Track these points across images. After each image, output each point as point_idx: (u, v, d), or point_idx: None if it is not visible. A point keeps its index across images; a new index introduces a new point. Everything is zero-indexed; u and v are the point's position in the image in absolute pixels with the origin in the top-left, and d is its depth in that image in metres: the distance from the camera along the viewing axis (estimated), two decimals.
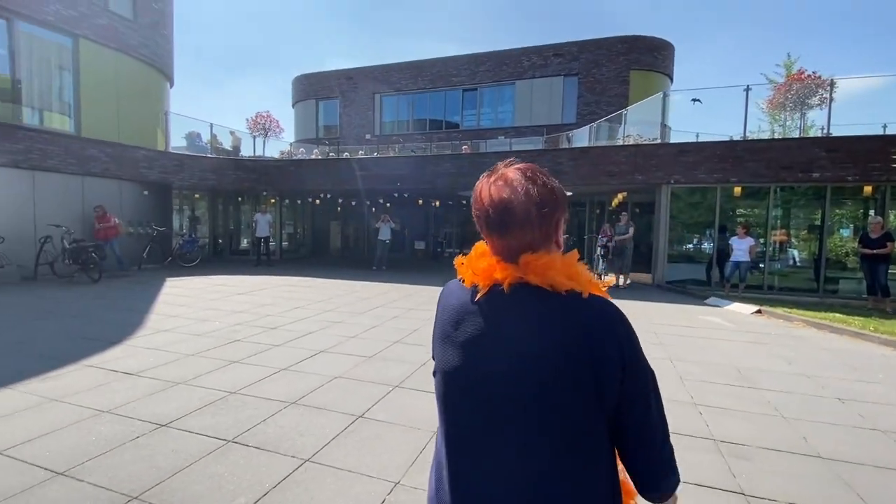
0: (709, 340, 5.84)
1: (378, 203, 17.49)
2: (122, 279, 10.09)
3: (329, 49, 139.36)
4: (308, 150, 18.81)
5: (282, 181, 14.72)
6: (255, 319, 6.40)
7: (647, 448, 0.84)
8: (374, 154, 16.66)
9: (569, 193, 14.49)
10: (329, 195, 16.99)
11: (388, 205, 17.00)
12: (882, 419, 3.46)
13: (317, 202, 17.80)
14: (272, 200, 15.86)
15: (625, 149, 11.20)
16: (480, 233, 0.90)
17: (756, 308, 7.92)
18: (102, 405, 3.38)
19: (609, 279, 11.00)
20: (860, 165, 9.20)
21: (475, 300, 0.86)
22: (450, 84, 19.93)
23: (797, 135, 12.04)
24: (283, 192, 15.92)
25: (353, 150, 17.65)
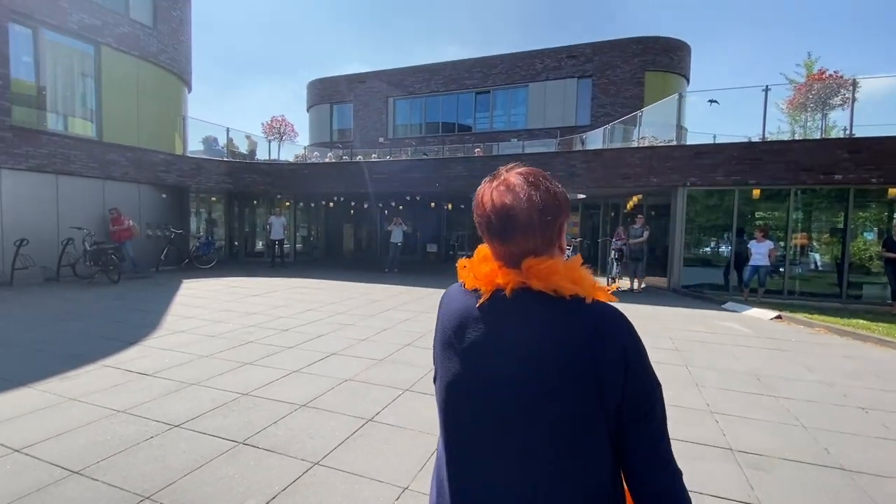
0: (726, 346, 5.70)
1: (390, 206, 17.57)
2: (141, 280, 10.30)
3: (344, 54, 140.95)
4: (322, 154, 19.02)
5: (296, 184, 14.89)
6: (269, 321, 6.47)
7: (649, 451, 0.80)
8: (387, 157, 16.75)
9: (581, 196, 14.47)
10: (342, 198, 17.13)
11: (401, 208, 17.06)
12: None
13: (330, 205, 17.96)
14: (287, 203, 16.06)
15: (639, 151, 11.05)
16: (482, 238, 0.89)
17: (776, 313, 7.72)
18: (118, 405, 3.44)
19: (623, 283, 10.87)
20: (885, 167, 8.92)
21: (477, 305, 0.85)
22: (462, 87, 19.96)
23: (818, 136, 11.75)
24: (298, 195, 16.11)
25: (367, 154, 17.77)
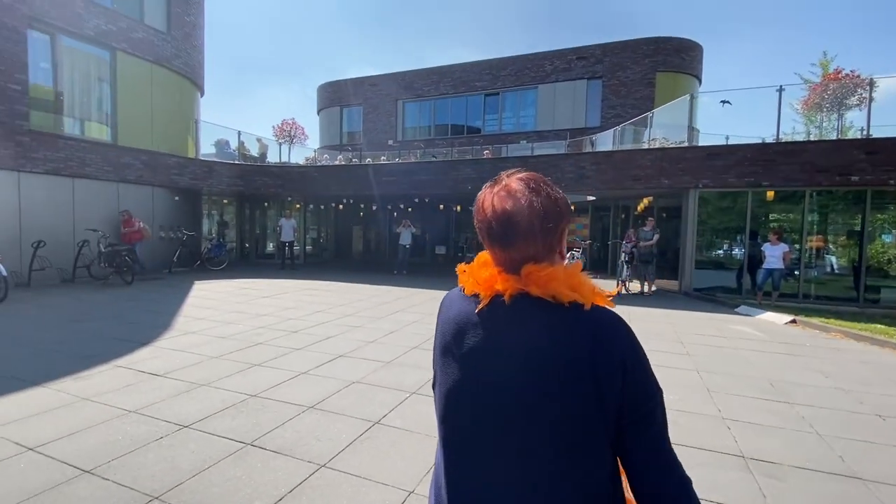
0: (739, 351, 5.61)
1: (399, 208, 17.63)
2: (153, 282, 10.46)
3: (353, 57, 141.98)
4: (332, 157, 19.16)
5: (306, 187, 15.01)
6: (278, 323, 6.51)
7: (650, 454, 0.79)
8: (396, 159, 16.81)
9: (591, 198, 14.36)
10: (351, 200, 17.23)
11: (410, 210, 17.11)
12: None
13: (339, 207, 18.08)
14: (297, 206, 16.20)
15: (650, 152, 10.95)
16: (482, 243, 0.89)
17: (791, 317, 7.57)
18: (130, 405, 3.49)
19: (634, 286, 10.76)
20: None
21: (476, 311, 0.85)
22: (472, 89, 19.97)
23: (834, 136, 11.53)
24: (307, 198, 16.23)
25: (376, 156, 17.87)
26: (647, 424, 0.79)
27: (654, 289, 10.64)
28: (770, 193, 9.88)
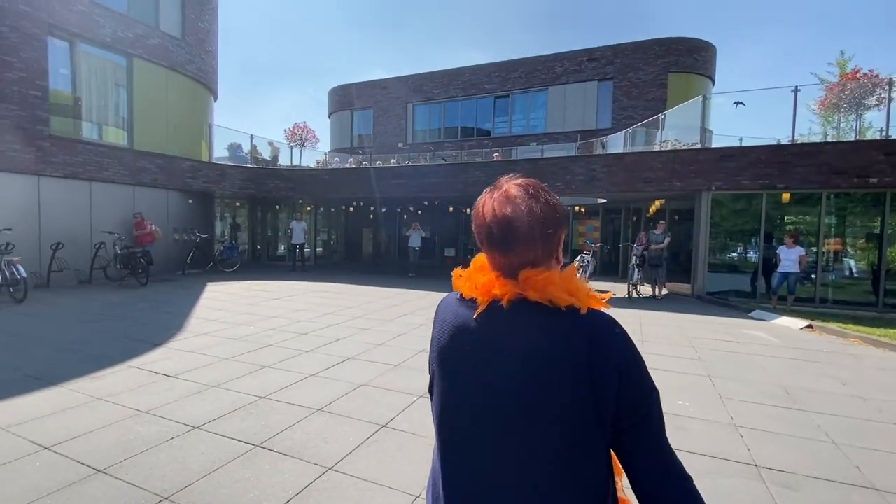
0: (753, 357, 5.51)
1: (409, 210, 17.67)
2: (167, 283, 10.63)
3: (365, 61, 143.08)
4: (343, 160, 19.31)
5: (317, 189, 15.14)
6: (288, 325, 6.57)
7: (650, 455, 0.81)
8: (406, 162, 16.88)
9: (602, 200, 14.24)
10: (361, 203, 17.34)
11: (419, 212, 17.15)
12: None
13: (350, 210, 18.21)
14: (308, 208, 16.34)
15: (662, 154, 10.83)
16: (480, 248, 0.90)
17: (807, 323, 7.42)
18: (142, 406, 3.55)
19: (645, 289, 10.64)
20: None
21: (475, 316, 0.86)
22: (482, 91, 19.98)
23: (852, 137, 11.29)
24: (318, 200, 16.37)
25: (386, 159, 17.96)
26: (647, 426, 0.80)
27: (666, 292, 10.51)
28: (786, 196, 9.70)
